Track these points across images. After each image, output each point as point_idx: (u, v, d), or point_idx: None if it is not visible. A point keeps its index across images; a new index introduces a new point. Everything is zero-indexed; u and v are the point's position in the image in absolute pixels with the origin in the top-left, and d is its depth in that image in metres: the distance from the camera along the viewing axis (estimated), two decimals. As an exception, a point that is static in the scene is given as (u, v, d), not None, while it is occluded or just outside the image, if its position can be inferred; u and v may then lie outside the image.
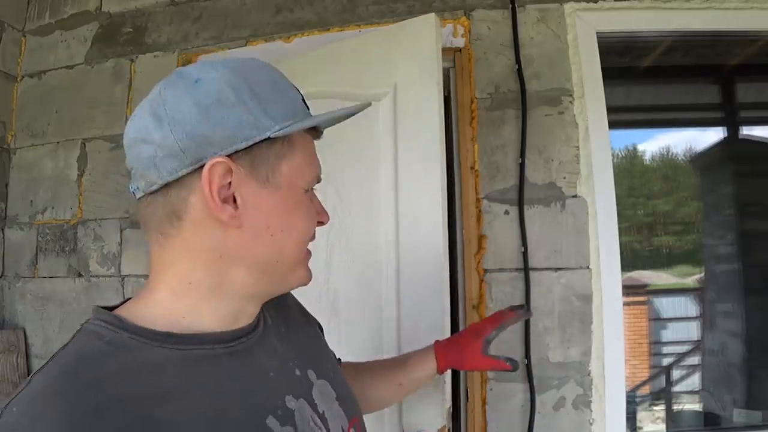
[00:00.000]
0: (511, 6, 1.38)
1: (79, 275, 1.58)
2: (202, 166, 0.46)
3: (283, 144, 0.50)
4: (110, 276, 1.54)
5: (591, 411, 1.24)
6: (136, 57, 1.62)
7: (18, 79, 1.74)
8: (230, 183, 0.47)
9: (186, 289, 0.50)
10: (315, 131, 0.56)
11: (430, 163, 1.11)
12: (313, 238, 0.56)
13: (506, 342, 1.28)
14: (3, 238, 1.68)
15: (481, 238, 1.32)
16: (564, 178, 1.31)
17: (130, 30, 1.64)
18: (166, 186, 0.47)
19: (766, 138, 2.48)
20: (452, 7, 1.41)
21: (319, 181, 0.56)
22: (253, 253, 0.50)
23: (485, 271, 1.31)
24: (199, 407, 0.45)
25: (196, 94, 0.47)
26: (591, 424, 1.24)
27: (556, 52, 1.36)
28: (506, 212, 1.32)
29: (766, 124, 2.50)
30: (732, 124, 2.50)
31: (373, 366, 0.87)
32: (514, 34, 1.37)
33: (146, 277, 1.55)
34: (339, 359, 0.76)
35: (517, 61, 1.35)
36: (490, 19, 1.39)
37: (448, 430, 1.08)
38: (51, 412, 0.39)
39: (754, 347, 2.31)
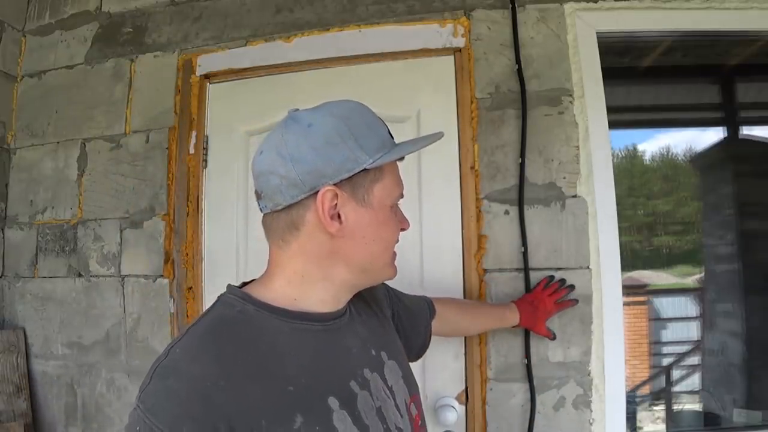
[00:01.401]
0: (511, 6, 1.38)
1: (79, 275, 1.58)
2: (316, 192, 0.63)
3: (375, 172, 0.65)
4: (110, 276, 1.54)
5: (591, 411, 1.24)
6: (136, 57, 1.62)
7: (18, 79, 1.74)
8: (336, 204, 0.64)
9: (299, 280, 0.66)
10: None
11: (451, 180, 1.35)
12: (397, 241, 0.71)
13: (507, 342, 1.28)
14: (3, 238, 1.68)
15: (481, 238, 1.32)
16: (564, 178, 1.31)
17: (130, 30, 1.64)
18: (288, 206, 0.64)
19: (766, 138, 2.48)
20: (452, 7, 1.41)
21: (402, 197, 0.70)
22: (352, 257, 0.66)
23: (485, 271, 1.31)
24: (302, 365, 0.61)
25: (311, 138, 0.63)
26: (591, 424, 1.24)
27: (556, 52, 1.36)
28: (506, 212, 1.32)
29: (766, 124, 2.50)
30: (732, 124, 2.50)
31: (470, 307, 1.19)
32: (514, 34, 1.37)
33: (146, 276, 1.56)
34: (430, 302, 1.03)
35: (517, 61, 1.35)
36: (490, 19, 1.39)
37: (466, 393, 1.29)
38: (204, 353, 0.57)
39: (754, 347, 2.31)
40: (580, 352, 1.26)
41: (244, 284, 0.70)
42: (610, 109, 1.34)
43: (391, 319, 0.87)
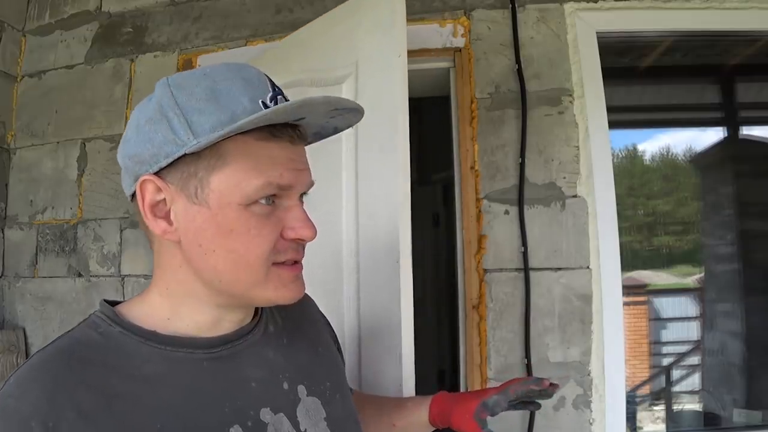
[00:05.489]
0: (511, 6, 1.38)
1: (79, 275, 1.58)
2: None
3: (210, 157, 0.48)
4: (110, 276, 1.54)
5: (591, 411, 1.24)
6: (136, 57, 1.62)
7: (18, 79, 1.74)
8: (165, 199, 0.49)
9: (167, 293, 0.52)
10: (275, 133, 0.49)
11: (389, 153, 0.98)
12: (296, 255, 0.51)
13: (507, 342, 1.28)
14: (3, 238, 1.68)
15: (481, 238, 1.32)
16: (564, 178, 1.31)
17: (130, 30, 1.64)
18: (132, 199, 0.52)
19: (766, 138, 2.48)
20: (452, 7, 1.41)
21: (279, 189, 0.49)
22: (198, 269, 0.50)
23: (485, 271, 1.31)
24: (166, 404, 0.47)
25: (141, 114, 0.50)
26: (591, 424, 1.24)
27: (556, 52, 1.36)
28: (506, 212, 1.32)
29: (766, 124, 2.50)
30: (732, 124, 2.50)
31: (372, 400, 0.85)
32: (514, 34, 1.37)
33: (146, 276, 1.56)
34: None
35: (517, 61, 1.35)
36: (490, 19, 1.39)
37: None
38: (37, 387, 0.45)
39: (754, 347, 2.31)
40: (580, 352, 1.26)
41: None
42: (610, 109, 1.34)
43: (335, 346, 0.71)
